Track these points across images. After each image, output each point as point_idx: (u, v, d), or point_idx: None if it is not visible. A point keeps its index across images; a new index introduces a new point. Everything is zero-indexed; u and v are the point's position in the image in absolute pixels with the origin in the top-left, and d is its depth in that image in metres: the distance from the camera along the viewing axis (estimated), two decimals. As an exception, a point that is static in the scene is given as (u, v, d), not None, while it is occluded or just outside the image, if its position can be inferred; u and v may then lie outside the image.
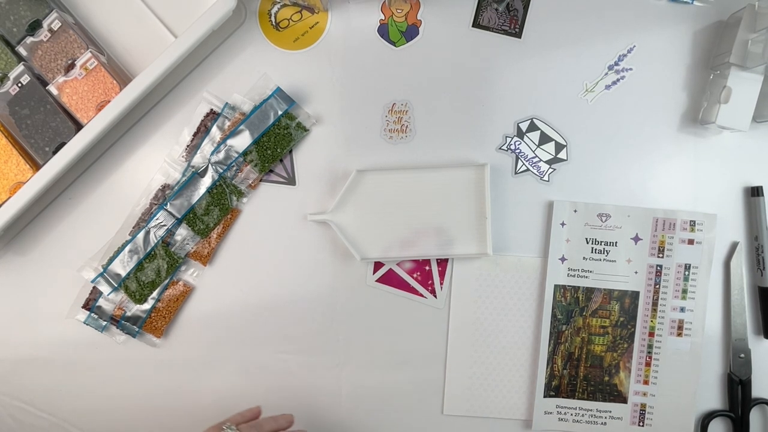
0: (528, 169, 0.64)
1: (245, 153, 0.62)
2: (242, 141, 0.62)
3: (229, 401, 0.66)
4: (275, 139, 0.63)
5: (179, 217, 0.63)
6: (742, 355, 0.64)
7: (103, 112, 0.57)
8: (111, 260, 0.63)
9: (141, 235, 0.63)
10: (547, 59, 0.63)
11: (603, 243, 0.64)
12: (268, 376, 0.66)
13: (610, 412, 0.65)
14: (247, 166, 0.63)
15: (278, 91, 0.62)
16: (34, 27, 0.59)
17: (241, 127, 0.62)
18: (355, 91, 0.64)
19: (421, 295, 0.65)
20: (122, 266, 0.63)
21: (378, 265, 0.65)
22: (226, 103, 0.63)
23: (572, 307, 0.64)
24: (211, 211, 0.63)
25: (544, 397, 0.65)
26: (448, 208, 0.63)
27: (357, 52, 0.64)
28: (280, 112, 0.62)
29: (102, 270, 0.63)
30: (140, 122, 0.65)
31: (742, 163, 0.63)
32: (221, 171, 0.62)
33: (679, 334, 0.64)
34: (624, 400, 0.65)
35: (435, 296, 0.65)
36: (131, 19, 0.63)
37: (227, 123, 0.63)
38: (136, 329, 0.65)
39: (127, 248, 0.63)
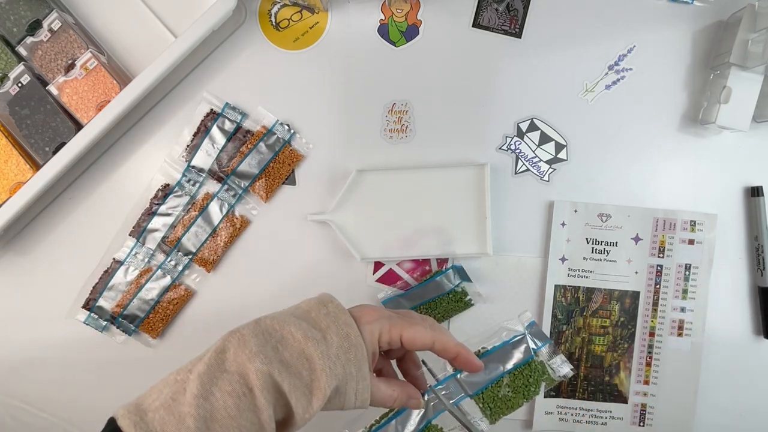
0: (528, 169, 0.64)
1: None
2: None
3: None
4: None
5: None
6: None
7: (103, 112, 0.57)
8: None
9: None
10: (547, 59, 0.63)
11: (603, 243, 0.64)
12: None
13: (611, 412, 0.65)
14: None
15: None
16: (34, 27, 0.59)
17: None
18: (355, 91, 0.64)
19: (421, 295, 0.65)
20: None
21: (378, 265, 0.65)
22: (227, 103, 0.63)
23: (572, 307, 0.64)
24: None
25: (545, 397, 0.65)
26: (448, 208, 0.63)
27: (357, 52, 0.64)
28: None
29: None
30: (140, 122, 0.65)
31: (742, 163, 0.63)
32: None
33: (680, 334, 0.64)
34: (624, 401, 0.65)
35: (435, 296, 0.65)
36: (131, 19, 0.63)
37: (227, 123, 0.63)
38: (133, 328, 0.64)
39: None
